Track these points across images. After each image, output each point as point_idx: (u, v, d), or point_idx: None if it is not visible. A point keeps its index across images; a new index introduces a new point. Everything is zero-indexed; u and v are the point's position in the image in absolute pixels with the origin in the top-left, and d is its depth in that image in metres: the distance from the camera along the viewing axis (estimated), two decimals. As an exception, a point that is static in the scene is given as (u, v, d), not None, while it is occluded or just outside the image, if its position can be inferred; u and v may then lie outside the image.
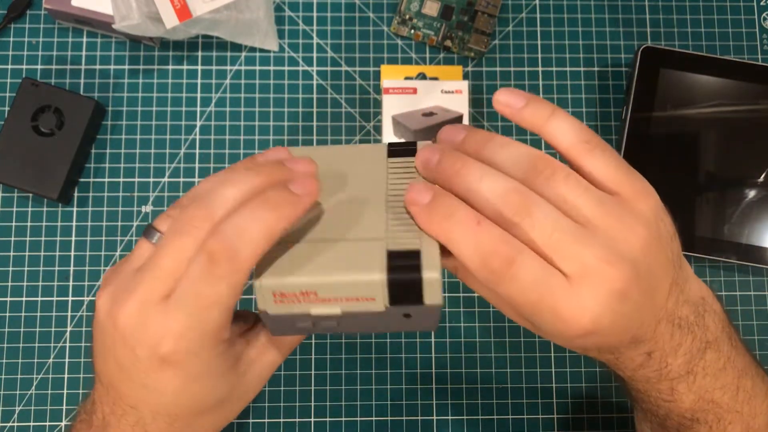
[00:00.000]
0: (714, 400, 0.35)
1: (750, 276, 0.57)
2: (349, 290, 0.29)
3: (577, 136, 0.32)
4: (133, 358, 0.30)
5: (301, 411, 0.54)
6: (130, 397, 0.32)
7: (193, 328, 0.30)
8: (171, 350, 0.30)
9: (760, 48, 0.60)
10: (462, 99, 0.54)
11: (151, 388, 0.31)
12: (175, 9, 0.53)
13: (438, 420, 0.54)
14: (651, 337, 0.32)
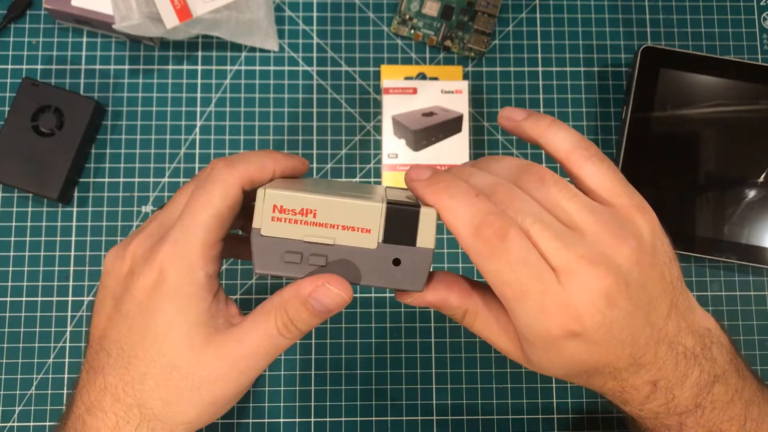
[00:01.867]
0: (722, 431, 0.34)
1: (750, 276, 0.57)
2: (349, 216, 0.30)
3: (574, 143, 0.32)
4: (132, 283, 0.31)
5: (301, 411, 0.54)
6: (113, 339, 0.32)
7: (186, 231, 0.31)
8: (167, 261, 0.31)
9: (760, 48, 0.60)
10: (462, 99, 0.54)
11: (134, 323, 0.31)
12: (176, 9, 0.53)
13: (438, 420, 0.54)
14: (652, 361, 0.31)
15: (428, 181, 0.30)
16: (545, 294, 0.28)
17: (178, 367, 0.31)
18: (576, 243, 0.29)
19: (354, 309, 0.56)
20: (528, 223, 0.29)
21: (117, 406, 0.31)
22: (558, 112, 0.59)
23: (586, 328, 0.29)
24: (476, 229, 0.28)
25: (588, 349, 0.30)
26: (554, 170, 0.33)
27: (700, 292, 0.57)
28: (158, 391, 0.31)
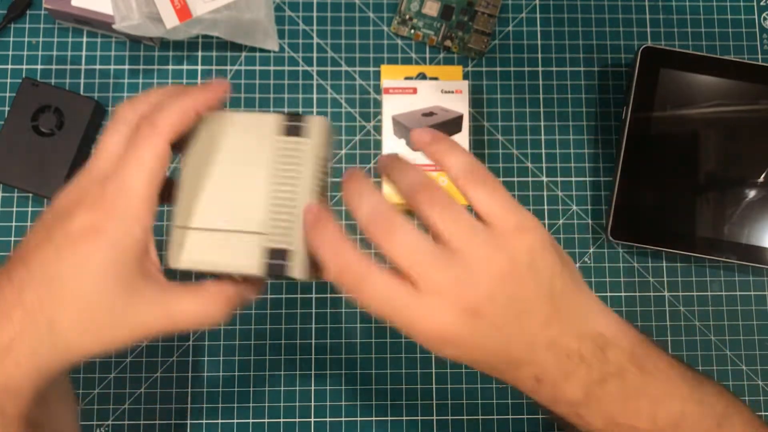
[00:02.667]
0: (630, 425, 0.36)
1: (750, 276, 0.57)
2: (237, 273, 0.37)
3: (464, 169, 0.35)
4: (66, 221, 0.34)
5: (301, 411, 0.54)
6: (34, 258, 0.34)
7: (123, 194, 0.34)
8: (103, 218, 0.33)
9: (760, 48, 0.60)
10: (462, 99, 0.54)
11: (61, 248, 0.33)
12: (176, 9, 0.53)
13: (438, 420, 0.54)
14: (530, 360, 0.34)
15: (310, 226, 0.35)
16: (411, 315, 0.33)
17: (102, 306, 0.33)
18: (447, 265, 0.33)
19: (354, 309, 0.56)
20: (405, 255, 0.33)
21: (27, 320, 0.33)
22: (558, 112, 0.59)
23: (455, 337, 0.33)
24: (337, 274, 0.33)
25: (463, 353, 0.34)
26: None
27: (700, 292, 0.57)
28: (77, 320, 0.33)
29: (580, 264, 0.57)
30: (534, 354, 0.34)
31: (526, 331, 0.34)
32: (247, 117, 0.38)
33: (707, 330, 0.56)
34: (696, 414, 0.38)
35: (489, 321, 0.33)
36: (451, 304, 0.32)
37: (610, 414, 0.36)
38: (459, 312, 0.32)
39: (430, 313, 0.32)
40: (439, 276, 0.32)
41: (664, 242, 0.55)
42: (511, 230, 0.34)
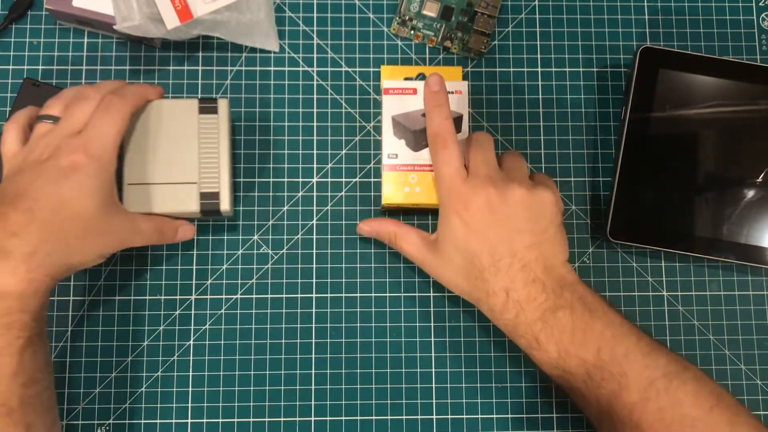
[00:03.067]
0: (578, 356, 0.46)
1: (749, 276, 0.57)
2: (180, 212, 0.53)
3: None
4: (54, 163, 0.44)
5: (302, 410, 0.54)
6: (34, 190, 0.43)
7: (99, 139, 0.46)
8: (82, 156, 0.45)
9: (759, 48, 0.60)
10: (462, 99, 0.54)
11: (57, 180, 0.44)
12: (176, 10, 0.54)
13: (438, 419, 0.55)
14: (506, 270, 0.46)
15: (436, 94, 0.51)
16: (454, 183, 0.48)
17: (94, 219, 0.45)
18: (492, 170, 0.48)
19: (354, 309, 0.56)
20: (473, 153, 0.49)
21: (43, 231, 0.43)
22: (557, 112, 0.59)
23: (468, 210, 0.47)
24: (435, 134, 0.50)
25: (465, 229, 0.47)
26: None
27: (699, 292, 0.57)
28: (77, 230, 0.44)
29: (579, 264, 0.57)
30: (510, 266, 0.46)
31: (511, 242, 0.46)
32: (176, 102, 0.53)
33: (706, 330, 0.57)
34: (640, 361, 0.46)
35: (493, 218, 0.46)
36: (481, 192, 0.47)
37: (562, 342, 0.46)
38: (481, 199, 0.46)
39: (466, 190, 0.47)
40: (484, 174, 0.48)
41: (663, 242, 0.55)
42: (541, 183, 0.48)
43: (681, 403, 0.45)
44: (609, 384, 0.46)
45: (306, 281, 0.56)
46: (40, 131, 0.47)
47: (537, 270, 0.46)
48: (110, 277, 0.55)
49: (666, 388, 0.45)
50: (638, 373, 0.45)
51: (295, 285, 0.56)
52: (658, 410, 0.45)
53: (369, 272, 0.56)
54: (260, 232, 0.56)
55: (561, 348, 0.46)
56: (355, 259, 0.56)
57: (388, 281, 0.56)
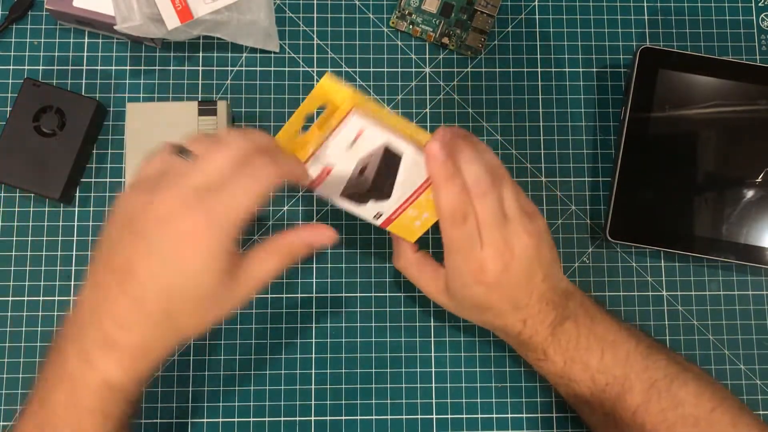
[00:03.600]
0: (582, 361, 0.47)
1: (748, 276, 0.57)
2: None
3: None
4: (169, 233, 0.37)
5: (302, 410, 0.54)
6: (144, 271, 0.38)
7: (230, 208, 0.37)
8: (204, 225, 0.37)
9: (758, 48, 0.60)
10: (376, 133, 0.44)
11: (171, 262, 0.37)
12: (177, 10, 0.54)
13: (438, 419, 0.55)
14: (525, 305, 0.46)
15: (444, 163, 0.43)
16: (470, 254, 0.44)
17: (210, 297, 0.39)
18: (501, 229, 0.44)
19: (354, 309, 0.56)
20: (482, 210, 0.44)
21: (151, 323, 0.38)
22: (557, 112, 0.59)
23: (487, 280, 0.45)
24: (452, 210, 0.44)
25: (487, 293, 0.45)
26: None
27: (699, 292, 0.57)
28: (191, 314, 0.39)
29: (579, 264, 0.57)
30: (529, 301, 0.46)
31: (531, 285, 0.46)
32: (175, 104, 0.54)
33: (705, 329, 0.57)
34: (640, 363, 0.47)
35: (513, 275, 0.45)
36: (496, 257, 0.44)
37: (567, 351, 0.47)
38: (498, 265, 0.44)
39: (483, 257, 0.44)
40: (498, 237, 0.44)
41: (663, 242, 0.56)
42: (534, 217, 0.47)
43: (683, 403, 0.45)
44: (612, 388, 0.46)
45: (306, 281, 0.56)
46: (168, 169, 0.39)
47: (548, 293, 0.47)
48: (111, 277, 0.55)
49: (667, 388, 0.46)
50: (639, 375, 0.46)
51: (295, 285, 0.56)
52: (660, 411, 0.45)
53: (369, 272, 0.56)
54: (260, 232, 0.57)
55: (567, 357, 0.47)
56: (355, 259, 0.56)
57: (388, 281, 0.56)
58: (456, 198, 0.43)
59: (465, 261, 0.45)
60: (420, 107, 0.59)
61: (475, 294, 0.46)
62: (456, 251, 0.45)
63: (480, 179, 0.44)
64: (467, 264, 0.45)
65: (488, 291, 0.45)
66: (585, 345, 0.47)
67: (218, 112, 0.54)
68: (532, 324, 0.47)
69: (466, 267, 0.45)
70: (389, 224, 0.48)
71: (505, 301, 0.46)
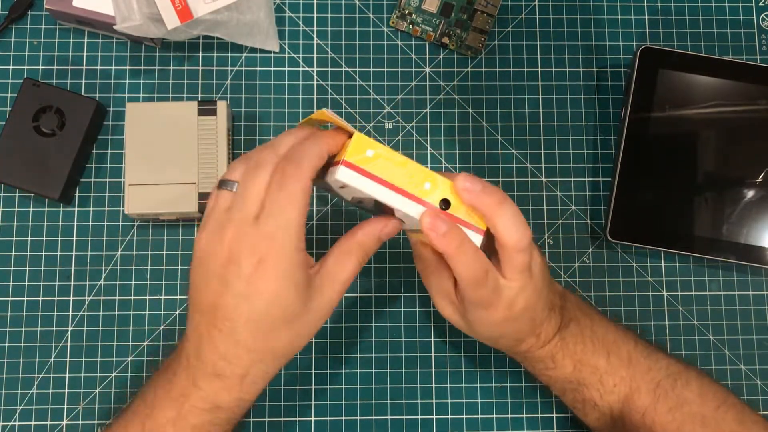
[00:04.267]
0: (591, 364, 0.46)
1: (749, 276, 0.57)
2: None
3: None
4: (237, 271, 0.39)
5: (302, 410, 0.54)
6: (228, 308, 0.39)
7: (280, 228, 0.38)
8: (265, 252, 0.38)
9: (759, 48, 0.60)
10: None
11: (247, 295, 0.39)
12: (177, 10, 0.54)
13: (438, 419, 0.55)
14: (541, 321, 0.45)
15: (444, 236, 0.40)
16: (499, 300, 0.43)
17: (298, 317, 0.40)
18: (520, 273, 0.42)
19: (354, 309, 0.56)
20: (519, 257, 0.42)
21: (251, 354, 0.40)
22: (557, 112, 0.59)
23: (516, 312, 0.43)
24: (476, 279, 0.41)
25: (514, 323, 0.44)
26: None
27: (699, 292, 0.57)
28: (285, 337, 0.40)
29: (579, 264, 0.57)
30: (544, 319, 0.45)
31: (543, 298, 0.45)
32: (175, 104, 0.54)
33: (706, 330, 0.57)
34: (643, 363, 0.47)
35: (534, 304, 0.44)
36: (519, 294, 0.43)
37: (576, 354, 0.46)
38: (521, 300, 0.43)
39: (508, 296, 0.42)
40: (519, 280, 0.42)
41: (663, 242, 0.55)
42: (535, 249, 0.44)
43: (688, 402, 0.46)
44: (620, 389, 0.46)
45: (306, 281, 0.56)
46: (219, 206, 0.41)
47: (553, 299, 0.46)
48: (110, 277, 0.55)
49: (672, 388, 0.46)
50: (644, 376, 0.46)
51: (295, 285, 0.56)
52: (668, 411, 0.45)
53: (369, 272, 0.56)
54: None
55: (576, 360, 0.47)
56: (355, 259, 0.56)
57: (388, 281, 0.56)
58: (473, 264, 0.41)
59: (495, 309, 0.43)
60: (420, 107, 0.59)
61: (501, 329, 0.45)
62: (485, 306, 0.43)
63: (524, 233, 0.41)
64: (497, 310, 0.43)
65: (515, 322, 0.44)
66: (591, 347, 0.47)
67: (218, 112, 0.54)
68: (545, 335, 0.46)
69: (496, 313, 0.43)
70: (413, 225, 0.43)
71: (529, 323, 0.45)
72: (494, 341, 0.47)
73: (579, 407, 0.49)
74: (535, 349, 0.46)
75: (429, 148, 0.58)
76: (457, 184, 0.40)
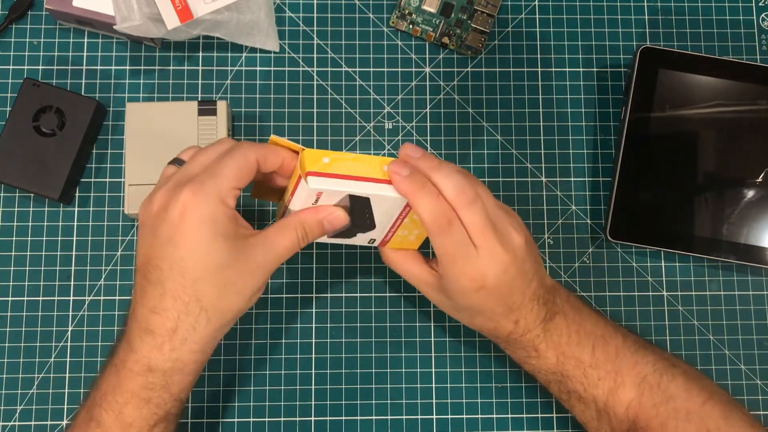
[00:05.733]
0: (575, 356, 0.47)
1: (749, 276, 0.57)
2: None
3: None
4: (164, 216, 0.40)
5: (301, 410, 0.54)
6: (156, 256, 0.41)
7: (210, 177, 0.41)
8: (191, 199, 0.40)
9: (759, 48, 0.60)
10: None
11: (171, 238, 0.40)
12: (177, 10, 0.54)
13: (438, 419, 0.55)
14: (519, 307, 0.45)
15: (407, 178, 0.42)
16: (467, 263, 0.43)
17: (223, 267, 0.40)
18: (494, 232, 0.44)
19: (354, 309, 0.56)
20: (479, 220, 0.43)
21: (177, 303, 0.40)
22: (557, 112, 0.59)
23: (488, 284, 0.44)
24: (435, 217, 0.42)
25: (485, 297, 0.45)
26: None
27: (699, 292, 0.57)
28: (211, 288, 0.41)
29: (579, 264, 0.57)
30: (522, 302, 0.46)
31: (525, 285, 0.45)
32: (174, 104, 0.54)
33: (706, 330, 0.57)
34: (630, 358, 0.47)
35: (510, 277, 0.44)
36: (495, 261, 0.43)
37: (560, 346, 0.47)
38: (498, 268, 0.44)
39: (480, 264, 0.43)
40: (494, 240, 0.43)
41: (663, 242, 0.55)
42: (513, 214, 0.46)
43: (674, 397, 0.46)
44: (605, 383, 0.46)
45: (306, 281, 0.56)
46: (164, 175, 0.44)
47: (538, 290, 0.46)
48: (110, 277, 0.55)
49: (657, 383, 0.46)
50: (630, 371, 0.46)
51: (295, 285, 0.56)
52: (653, 406, 0.46)
53: (369, 272, 0.56)
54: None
55: (559, 352, 0.47)
56: (355, 259, 0.56)
57: (388, 281, 0.56)
58: (434, 205, 0.42)
59: (462, 270, 0.44)
60: (420, 107, 0.59)
61: (473, 300, 0.45)
62: (451, 261, 0.44)
63: (463, 188, 0.43)
64: (465, 273, 0.44)
65: (486, 296, 0.45)
66: (576, 340, 0.47)
67: (218, 112, 0.54)
68: (524, 323, 0.46)
69: (464, 275, 0.44)
70: (385, 245, 0.49)
71: (501, 304, 0.45)
72: (471, 319, 0.47)
73: (565, 398, 0.49)
74: (515, 337, 0.47)
75: (429, 148, 0.58)
76: (401, 152, 0.44)
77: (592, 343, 0.47)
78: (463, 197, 0.43)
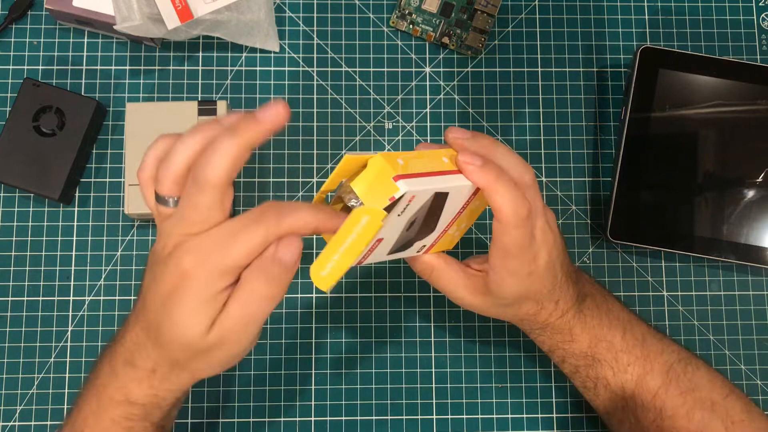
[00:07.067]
0: (607, 339, 0.47)
1: (749, 276, 0.57)
2: None
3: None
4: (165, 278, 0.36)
5: (302, 410, 0.54)
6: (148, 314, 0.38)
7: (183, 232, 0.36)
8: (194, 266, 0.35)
9: (759, 48, 0.60)
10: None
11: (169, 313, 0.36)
12: (177, 10, 0.54)
13: (438, 419, 0.55)
14: (560, 285, 0.45)
15: (482, 168, 0.39)
16: (530, 249, 0.42)
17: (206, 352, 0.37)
18: (545, 212, 0.43)
19: (354, 309, 0.56)
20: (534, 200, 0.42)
21: (157, 353, 0.39)
22: (557, 112, 0.59)
23: (540, 265, 0.43)
24: (516, 208, 0.40)
25: (535, 279, 0.43)
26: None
27: (699, 292, 0.57)
28: (190, 359, 0.38)
29: (579, 264, 0.57)
30: (562, 281, 0.45)
31: (561, 262, 0.44)
32: (174, 104, 0.55)
33: (706, 329, 0.57)
34: (656, 345, 0.47)
35: (556, 261, 0.43)
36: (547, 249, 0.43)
37: (593, 329, 0.46)
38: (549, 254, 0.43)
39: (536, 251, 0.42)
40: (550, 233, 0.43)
41: (663, 242, 0.55)
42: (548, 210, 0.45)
43: (699, 387, 0.46)
44: (634, 368, 0.47)
45: (306, 281, 0.56)
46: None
47: (569, 268, 0.46)
48: (110, 277, 0.55)
49: (684, 371, 0.46)
50: (657, 358, 0.47)
51: (295, 285, 0.56)
52: (680, 394, 0.46)
53: (369, 272, 0.56)
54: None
55: (592, 335, 0.47)
56: (355, 259, 0.56)
57: (388, 281, 0.56)
58: (515, 195, 0.40)
59: (523, 259, 0.42)
60: (420, 107, 0.59)
61: (524, 285, 0.43)
62: (519, 251, 0.41)
63: (524, 170, 0.41)
64: (523, 261, 0.42)
65: (537, 278, 0.43)
66: (607, 323, 0.47)
67: (218, 112, 0.54)
68: (563, 303, 0.45)
69: (522, 264, 0.42)
70: (431, 250, 0.45)
71: (548, 283, 0.44)
72: (518, 309, 0.45)
73: (590, 386, 0.48)
74: (554, 319, 0.46)
75: (429, 148, 0.58)
76: (449, 136, 0.42)
77: (623, 327, 0.47)
78: (526, 178, 0.41)
